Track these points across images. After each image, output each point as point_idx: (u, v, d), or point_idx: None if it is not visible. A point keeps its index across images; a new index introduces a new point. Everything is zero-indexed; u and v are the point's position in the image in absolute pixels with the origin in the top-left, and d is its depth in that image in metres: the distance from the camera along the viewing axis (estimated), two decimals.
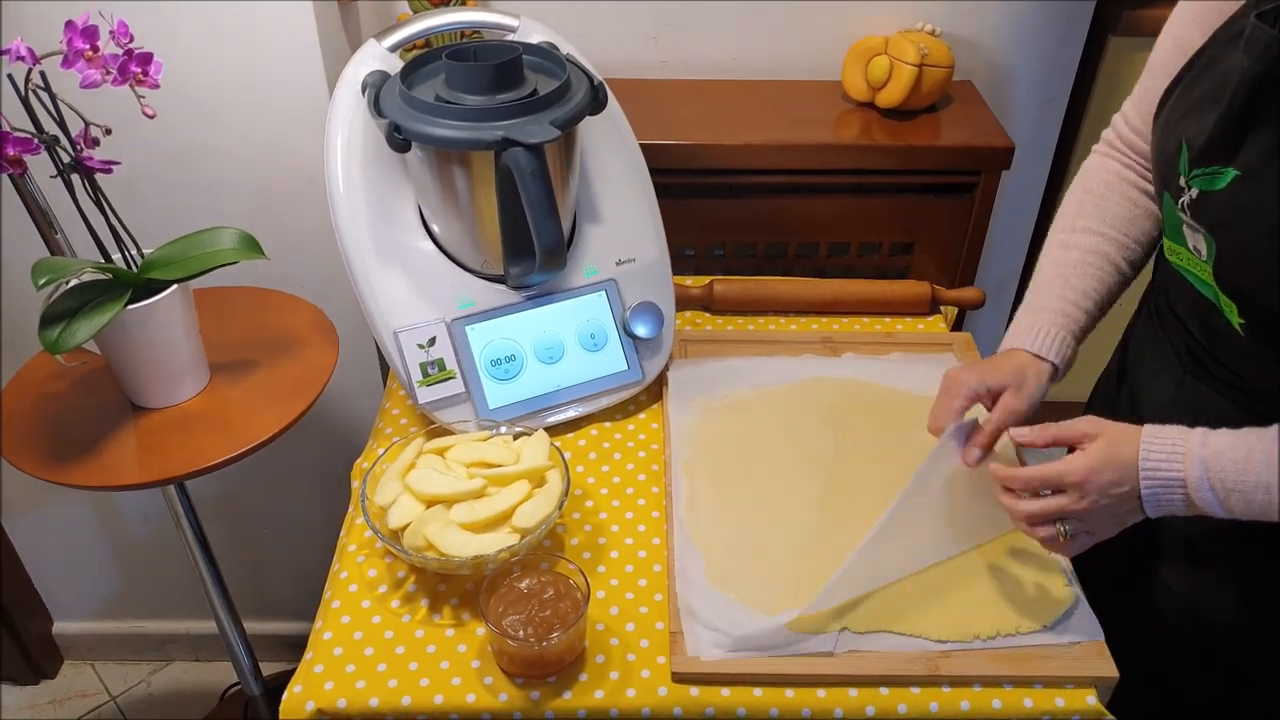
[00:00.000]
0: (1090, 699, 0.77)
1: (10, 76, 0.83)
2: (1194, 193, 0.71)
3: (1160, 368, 0.86)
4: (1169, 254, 0.79)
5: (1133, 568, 0.95)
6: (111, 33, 0.85)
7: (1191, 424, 0.79)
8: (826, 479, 0.94)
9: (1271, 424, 0.74)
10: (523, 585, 0.80)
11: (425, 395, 0.96)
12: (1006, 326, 0.89)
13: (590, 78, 0.95)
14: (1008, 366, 0.83)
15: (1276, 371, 0.73)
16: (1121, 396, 0.95)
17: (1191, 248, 0.73)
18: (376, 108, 0.90)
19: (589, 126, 0.97)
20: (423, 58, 0.96)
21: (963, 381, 0.83)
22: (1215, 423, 0.78)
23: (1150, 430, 0.72)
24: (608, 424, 1.03)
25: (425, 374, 0.96)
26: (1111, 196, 0.87)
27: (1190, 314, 0.79)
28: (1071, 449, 0.76)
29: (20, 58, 0.81)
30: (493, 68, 0.89)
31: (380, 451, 0.91)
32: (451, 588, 0.86)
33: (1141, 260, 0.88)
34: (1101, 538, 0.75)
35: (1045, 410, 0.82)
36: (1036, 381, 0.82)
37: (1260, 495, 0.67)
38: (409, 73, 0.93)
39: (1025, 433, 0.77)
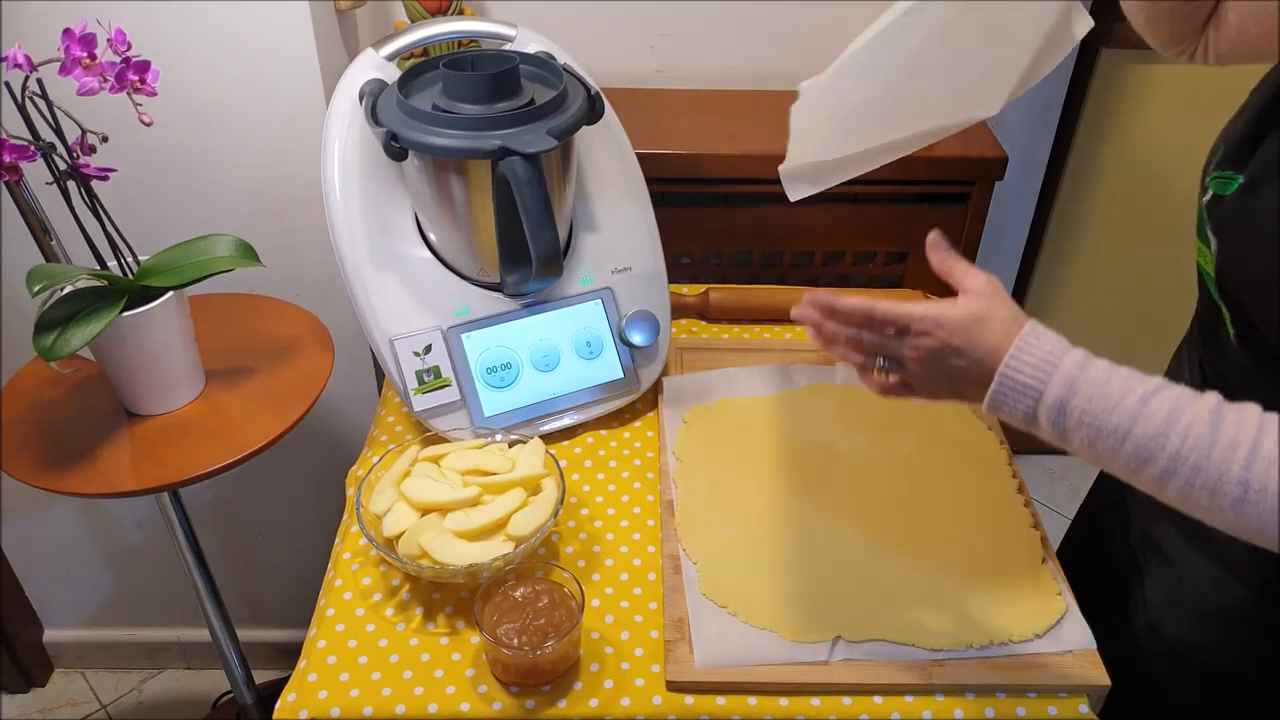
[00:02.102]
0: (1082, 707, 0.77)
1: (7, 84, 0.83)
2: (1210, 195, 0.71)
3: (1179, 378, 0.86)
4: (1199, 255, 0.77)
5: (1117, 582, 0.94)
6: (109, 40, 0.85)
7: None
8: (821, 487, 0.94)
9: None
10: (517, 593, 0.80)
11: (421, 403, 0.96)
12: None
13: (587, 87, 0.96)
14: None
15: (1262, 393, 0.72)
16: None
17: (1213, 250, 0.72)
18: (374, 116, 0.91)
19: (586, 136, 0.98)
20: (420, 67, 0.96)
21: None
22: None
23: (1030, 330, 0.63)
24: (603, 432, 1.03)
25: (421, 381, 0.96)
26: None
27: (1202, 321, 0.79)
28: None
29: (17, 65, 0.81)
30: (490, 77, 0.89)
31: (375, 459, 0.91)
32: (446, 596, 0.86)
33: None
34: (920, 396, 0.68)
35: None
36: None
37: (1108, 441, 0.60)
38: (406, 81, 0.94)
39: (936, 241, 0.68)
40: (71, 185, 0.90)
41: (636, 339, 1.02)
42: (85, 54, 0.83)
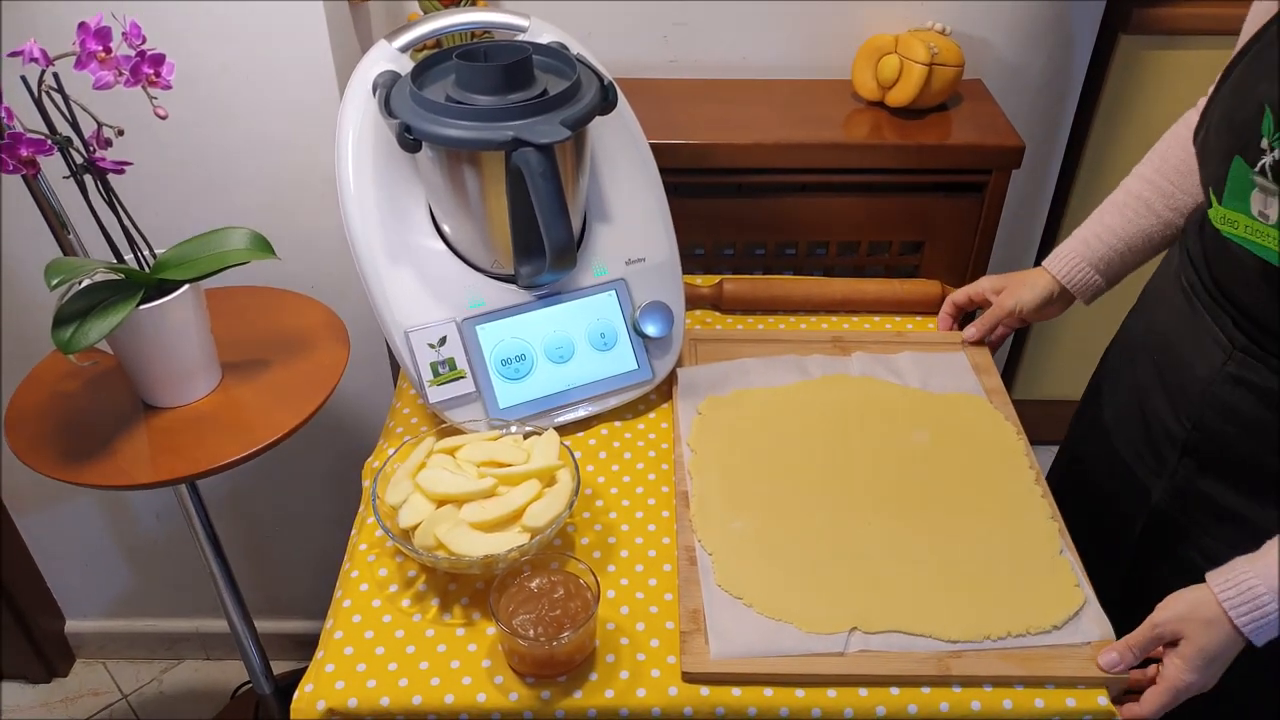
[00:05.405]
0: (1101, 699, 0.77)
1: (24, 78, 0.84)
2: (1277, 154, 0.71)
3: (1198, 347, 0.85)
4: (1222, 224, 0.78)
5: (1141, 570, 0.94)
6: (124, 34, 0.85)
7: (1239, 398, 0.80)
8: (837, 478, 0.94)
9: None
10: (533, 584, 0.80)
11: (436, 394, 0.96)
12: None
13: (600, 77, 0.95)
14: (1018, 276, 1.03)
15: None
16: (1137, 383, 0.95)
17: (1256, 213, 0.72)
18: (387, 108, 0.91)
19: (599, 126, 0.97)
20: (433, 58, 0.96)
21: (979, 282, 1.05)
22: (1262, 396, 0.78)
23: (1220, 589, 0.73)
24: (618, 423, 1.03)
25: (436, 373, 0.96)
26: (1176, 147, 0.95)
27: (1244, 286, 0.79)
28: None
29: (34, 59, 0.82)
30: (503, 68, 0.89)
31: (391, 451, 0.91)
32: (462, 587, 0.86)
33: (1192, 210, 0.93)
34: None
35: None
36: (1033, 292, 1.01)
37: None
38: (419, 73, 0.94)
39: (1115, 660, 0.77)
40: (88, 179, 0.90)
41: (650, 330, 1.02)
42: (101, 48, 0.83)
